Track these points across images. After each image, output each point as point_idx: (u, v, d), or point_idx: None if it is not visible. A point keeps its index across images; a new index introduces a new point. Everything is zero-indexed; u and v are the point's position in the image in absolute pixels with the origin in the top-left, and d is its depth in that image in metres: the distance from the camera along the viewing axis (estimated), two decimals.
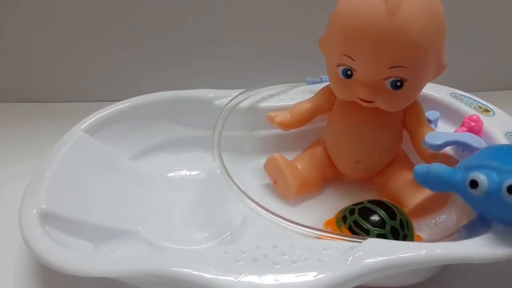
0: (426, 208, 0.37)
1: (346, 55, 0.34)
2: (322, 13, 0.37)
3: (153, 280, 0.29)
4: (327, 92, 0.41)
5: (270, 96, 0.46)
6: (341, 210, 0.36)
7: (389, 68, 0.33)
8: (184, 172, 0.45)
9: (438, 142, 0.34)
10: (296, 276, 0.27)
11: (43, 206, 0.33)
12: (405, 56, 0.32)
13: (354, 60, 0.34)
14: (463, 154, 0.37)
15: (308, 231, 0.32)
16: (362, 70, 0.34)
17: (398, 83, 0.34)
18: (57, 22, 0.56)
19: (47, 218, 0.33)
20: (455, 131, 0.38)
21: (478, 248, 0.28)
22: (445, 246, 0.28)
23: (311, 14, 0.53)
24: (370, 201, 0.35)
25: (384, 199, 0.36)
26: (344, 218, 0.35)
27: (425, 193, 0.37)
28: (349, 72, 0.35)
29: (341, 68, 0.35)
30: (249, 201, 0.35)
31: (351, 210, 0.35)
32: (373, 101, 0.35)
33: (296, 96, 0.45)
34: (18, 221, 0.32)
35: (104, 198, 0.39)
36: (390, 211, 0.34)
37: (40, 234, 0.31)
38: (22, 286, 0.35)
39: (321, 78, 0.46)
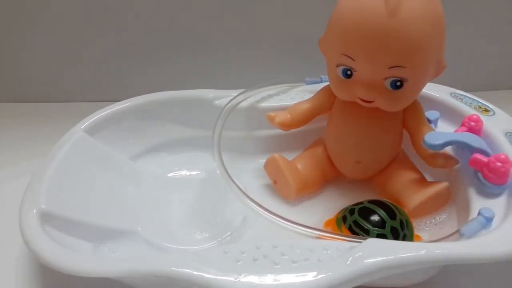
0: (426, 208, 0.37)
1: (346, 55, 0.34)
2: (322, 13, 0.37)
3: (153, 280, 0.29)
4: (327, 92, 0.41)
5: (270, 96, 0.46)
6: (341, 210, 0.36)
7: (389, 68, 0.33)
8: (184, 172, 0.45)
9: (438, 142, 0.34)
10: (296, 276, 0.27)
11: (43, 206, 0.33)
12: (405, 56, 0.32)
13: (354, 60, 0.34)
14: (463, 154, 0.37)
15: (308, 231, 0.32)
16: (362, 70, 0.34)
17: (398, 83, 0.34)
18: (57, 22, 0.56)
19: (47, 218, 0.33)
20: (455, 131, 0.38)
21: (478, 248, 0.28)
22: (445, 246, 0.28)
23: (311, 14, 0.53)
24: (370, 201, 0.35)
25: (384, 199, 0.36)
26: (344, 218, 0.35)
27: (425, 193, 0.37)
28: (349, 72, 0.35)
29: (341, 68, 0.35)
30: (249, 201, 0.35)
31: (351, 210, 0.35)
32: (373, 101, 0.35)
33: (296, 96, 0.45)
34: (18, 221, 0.32)
35: (104, 198, 0.39)
36: (390, 211, 0.34)
37: (40, 234, 0.31)
38: (22, 286, 0.35)
39: (321, 78, 0.46)
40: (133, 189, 0.42)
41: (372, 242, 0.29)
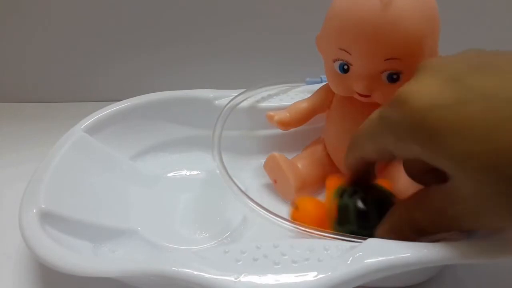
0: None
1: (342, 49, 0.34)
2: (323, 13, 0.37)
3: (153, 280, 0.29)
4: (325, 90, 0.41)
5: (270, 96, 0.46)
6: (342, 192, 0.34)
7: (384, 60, 0.33)
8: (184, 172, 0.45)
9: None
10: (296, 276, 0.27)
11: (43, 206, 0.33)
12: (400, 48, 0.33)
13: (350, 54, 0.34)
14: None
15: (308, 231, 0.32)
16: (359, 64, 0.34)
17: (395, 76, 0.34)
18: (57, 22, 0.56)
19: (47, 218, 0.33)
20: None
21: (478, 248, 0.28)
22: (445, 246, 0.28)
23: (311, 14, 0.53)
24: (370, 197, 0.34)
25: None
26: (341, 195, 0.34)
27: None
28: (345, 67, 0.35)
29: (338, 63, 0.35)
30: (249, 201, 0.35)
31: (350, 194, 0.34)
32: (370, 95, 0.35)
33: (296, 96, 0.45)
34: (18, 221, 0.32)
35: (104, 198, 0.39)
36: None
37: (40, 234, 0.31)
38: (22, 286, 0.35)
39: (321, 78, 0.46)
40: (133, 189, 0.42)
41: (373, 242, 0.29)
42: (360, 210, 0.33)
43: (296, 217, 0.35)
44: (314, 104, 0.42)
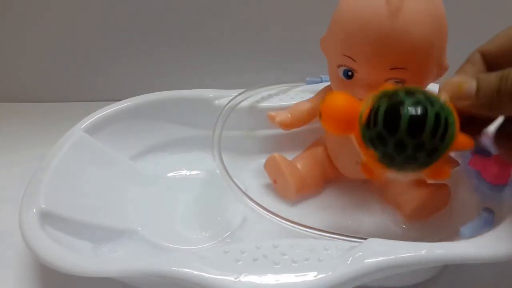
0: (426, 210, 0.37)
1: (347, 56, 0.34)
2: (322, 12, 0.37)
3: (153, 280, 0.29)
4: (328, 92, 0.41)
5: (270, 96, 0.46)
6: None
7: (390, 69, 0.33)
8: (184, 172, 0.45)
9: None
10: (296, 276, 0.27)
11: (43, 206, 0.33)
12: (406, 58, 0.32)
13: (355, 61, 0.34)
14: (464, 154, 0.37)
15: (308, 231, 0.32)
16: (363, 71, 0.34)
17: (399, 84, 0.33)
18: (57, 21, 0.56)
19: (47, 218, 0.33)
20: None
21: (478, 248, 0.28)
22: (445, 246, 0.28)
23: (311, 14, 0.53)
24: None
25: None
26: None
27: (424, 195, 0.37)
28: (349, 73, 0.35)
29: (342, 68, 0.35)
30: (249, 201, 0.35)
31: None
32: None
33: (296, 96, 0.45)
34: (18, 221, 0.32)
35: (104, 198, 0.39)
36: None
37: (40, 234, 0.31)
38: (22, 286, 0.35)
39: (321, 78, 0.46)
40: (133, 189, 0.42)
41: (372, 242, 0.29)
42: (416, 117, 0.25)
43: (322, 109, 0.28)
44: (316, 106, 0.41)
